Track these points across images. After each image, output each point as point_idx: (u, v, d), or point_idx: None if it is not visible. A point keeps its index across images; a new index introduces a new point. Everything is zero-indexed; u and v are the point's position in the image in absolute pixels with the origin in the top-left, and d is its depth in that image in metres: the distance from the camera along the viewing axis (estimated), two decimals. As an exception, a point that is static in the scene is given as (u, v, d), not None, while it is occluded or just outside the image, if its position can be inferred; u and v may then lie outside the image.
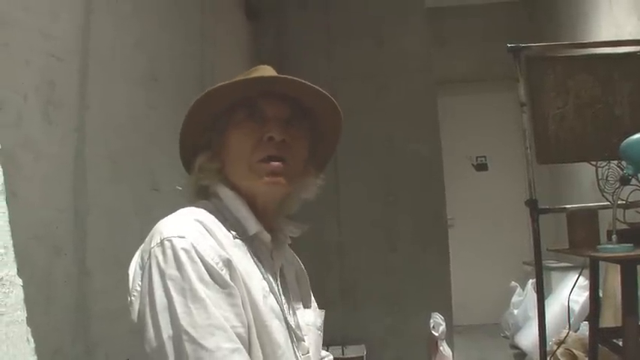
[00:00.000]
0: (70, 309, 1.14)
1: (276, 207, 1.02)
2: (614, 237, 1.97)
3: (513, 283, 4.55)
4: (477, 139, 5.21)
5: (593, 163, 2.30)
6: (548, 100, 2.45)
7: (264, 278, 0.94)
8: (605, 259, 2.14)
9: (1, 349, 0.69)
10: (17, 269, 0.74)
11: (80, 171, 1.21)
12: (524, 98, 2.46)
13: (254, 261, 0.94)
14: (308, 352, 0.99)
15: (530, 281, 4.17)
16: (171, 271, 0.81)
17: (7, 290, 0.72)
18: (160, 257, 0.82)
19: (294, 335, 0.96)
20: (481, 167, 5.26)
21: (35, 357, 0.73)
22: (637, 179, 2.24)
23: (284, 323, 0.94)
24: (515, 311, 4.38)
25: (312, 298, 1.13)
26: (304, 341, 0.99)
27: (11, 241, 0.75)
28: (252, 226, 0.96)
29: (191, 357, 0.77)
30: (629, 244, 1.93)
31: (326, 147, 1.08)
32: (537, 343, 2.47)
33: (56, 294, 1.08)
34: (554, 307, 3.43)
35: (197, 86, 1.95)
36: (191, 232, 0.85)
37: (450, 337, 3.19)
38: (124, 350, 1.14)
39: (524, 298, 4.31)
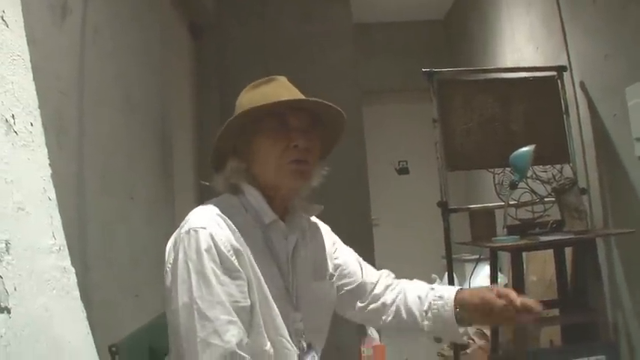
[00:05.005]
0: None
1: (293, 195, 1.26)
2: (504, 230, 2.41)
3: (433, 275, 4.91)
4: (399, 145, 5.63)
5: (491, 170, 2.74)
6: (456, 117, 2.83)
7: (274, 260, 1.18)
8: (497, 249, 2.58)
9: (68, 316, 0.99)
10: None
11: (81, 187, 1.48)
12: (437, 115, 2.86)
13: (267, 246, 1.18)
14: (301, 320, 1.20)
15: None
16: (192, 254, 1.05)
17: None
18: (186, 242, 1.07)
19: (291, 306, 1.19)
20: (403, 171, 5.66)
21: (87, 322, 1.03)
22: (526, 183, 2.72)
23: (284, 297, 1.17)
24: (435, 300, 4.79)
25: (330, 265, 1.35)
26: (299, 312, 1.20)
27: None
28: (268, 216, 1.19)
29: (197, 321, 1.01)
30: (516, 236, 2.38)
31: (330, 142, 1.32)
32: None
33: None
34: (468, 294, 3.88)
35: (159, 107, 2.23)
36: (212, 225, 1.09)
37: (377, 323, 3.56)
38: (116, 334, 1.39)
39: (442, 287, 4.70)
